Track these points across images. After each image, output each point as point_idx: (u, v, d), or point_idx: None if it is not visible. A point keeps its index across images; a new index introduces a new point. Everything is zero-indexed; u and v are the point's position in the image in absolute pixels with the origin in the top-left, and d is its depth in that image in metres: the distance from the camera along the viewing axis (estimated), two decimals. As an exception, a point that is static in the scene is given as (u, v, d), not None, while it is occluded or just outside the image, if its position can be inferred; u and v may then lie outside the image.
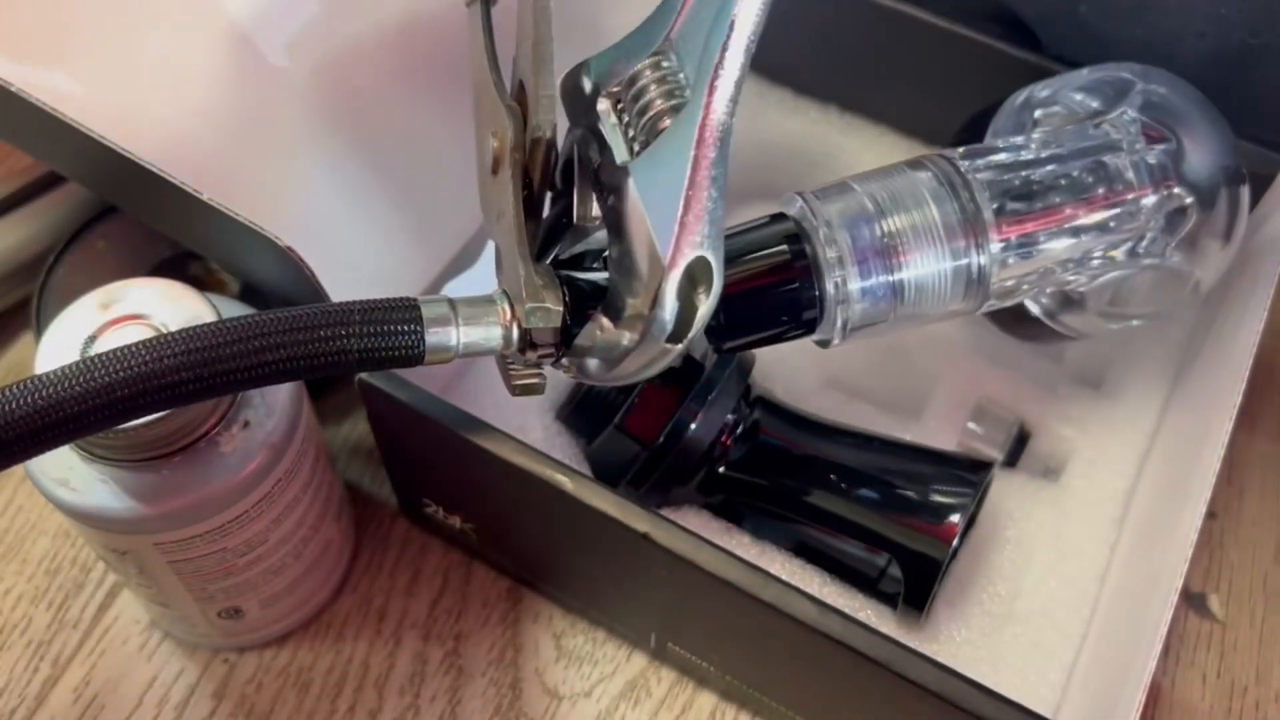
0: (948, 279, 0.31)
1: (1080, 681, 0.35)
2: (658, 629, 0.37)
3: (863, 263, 0.30)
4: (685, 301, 0.25)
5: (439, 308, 0.26)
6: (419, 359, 0.26)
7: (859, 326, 0.30)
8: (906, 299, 0.30)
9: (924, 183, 0.31)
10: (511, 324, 0.26)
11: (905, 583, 0.35)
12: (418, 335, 0.25)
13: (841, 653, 0.30)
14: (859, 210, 0.30)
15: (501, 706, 0.38)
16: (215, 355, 0.24)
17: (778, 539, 0.37)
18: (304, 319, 0.24)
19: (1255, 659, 0.40)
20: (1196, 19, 0.39)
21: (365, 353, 0.25)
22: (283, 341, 0.24)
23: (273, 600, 0.37)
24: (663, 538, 0.31)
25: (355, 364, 0.25)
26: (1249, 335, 0.35)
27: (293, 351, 0.24)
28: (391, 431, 0.37)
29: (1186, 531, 0.31)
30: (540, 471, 0.32)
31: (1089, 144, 0.34)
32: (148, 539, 0.31)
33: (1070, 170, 0.33)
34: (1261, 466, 0.44)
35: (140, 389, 0.23)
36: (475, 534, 0.39)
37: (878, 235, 0.30)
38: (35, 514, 0.41)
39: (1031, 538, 0.39)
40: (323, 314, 0.25)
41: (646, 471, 0.36)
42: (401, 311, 0.25)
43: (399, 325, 0.25)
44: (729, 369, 0.36)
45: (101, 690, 0.38)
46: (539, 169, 0.27)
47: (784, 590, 0.30)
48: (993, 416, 0.41)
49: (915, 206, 0.30)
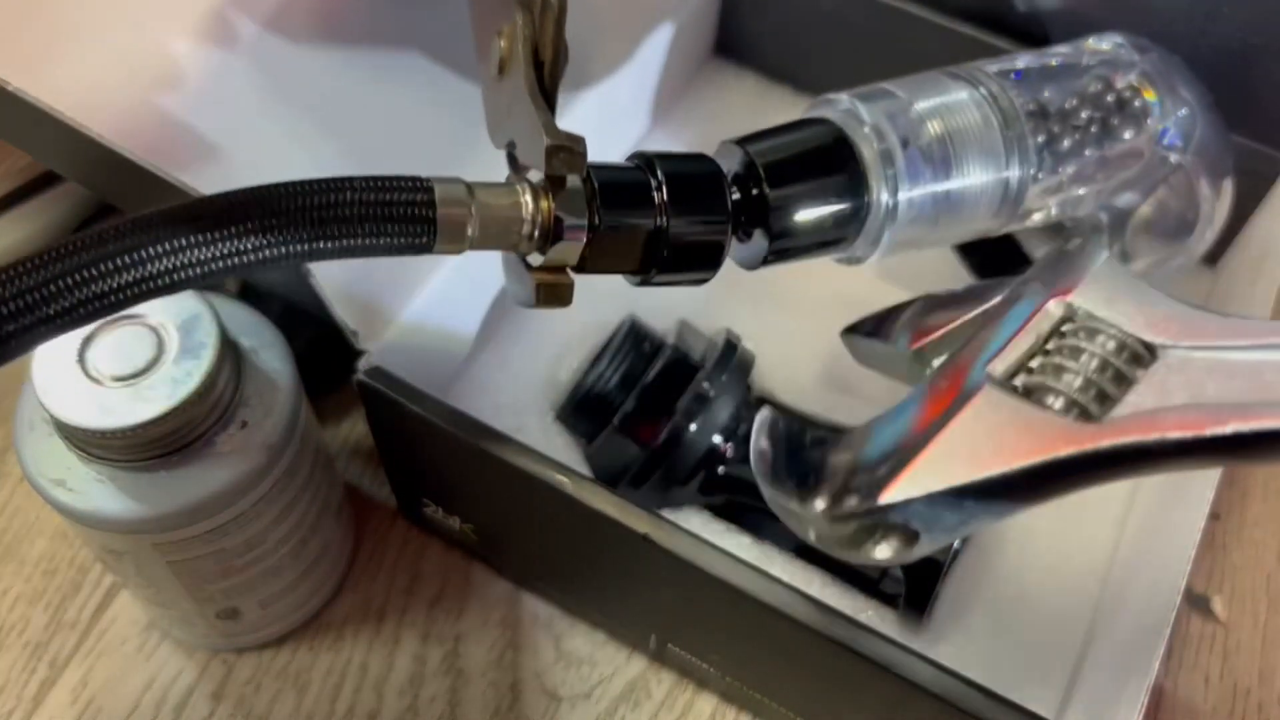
0: (986, 193, 0.30)
1: (1083, 683, 0.35)
2: (658, 630, 0.37)
3: (912, 168, 0.29)
4: None
5: (455, 189, 0.23)
6: (429, 247, 0.23)
7: (900, 238, 0.29)
8: (949, 208, 0.29)
9: (963, 91, 0.30)
10: (535, 213, 0.24)
11: (906, 584, 0.35)
12: (430, 213, 0.23)
13: (842, 654, 0.30)
14: (904, 115, 0.29)
15: (501, 708, 0.38)
16: (217, 236, 0.21)
17: (778, 539, 0.37)
18: (304, 187, 0.22)
19: (1258, 661, 0.40)
20: (1196, 19, 0.39)
21: (369, 224, 0.22)
22: (282, 208, 0.21)
23: (271, 601, 0.36)
24: (663, 539, 0.31)
25: (359, 249, 0.22)
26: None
27: (289, 219, 0.21)
28: (391, 432, 0.37)
29: (1189, 535, 0.31)
30: (540, 472, 0.32)
31: (1093, 61, 0.33)
32: (145, 539, 0.31)
33: (1081, 83, 0.33)
34: (1264, 468, 0.44)
35: (138, 259, 0.20)
36: (474, 535, 0.39)
37: (925, 141, 0.29)
38: (33, 514, 0.41)
39: (1033, 538, 0.38)
40: (320, 190, 0.22)
41: (646, 472, 0.36)
42: (410, 189, 0.23)
43: (407, 196, 0.22)
44: (728, 368, 0.36)
45: (99, 691, 0.38)
46: (549, 44, 0.25)
47: (785, 592, 0.30)
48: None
49: (959, 113, 0.29)
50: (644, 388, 0.36)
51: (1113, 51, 0.34)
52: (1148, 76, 0.33)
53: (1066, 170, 0.32)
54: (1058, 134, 0.31)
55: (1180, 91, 0.34)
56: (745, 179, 0.28)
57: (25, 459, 0.31)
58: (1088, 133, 0.32)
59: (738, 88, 0.50)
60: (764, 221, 0.28)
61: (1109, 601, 0.37)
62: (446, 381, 0.40)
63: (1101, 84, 0.33)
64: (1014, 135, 0.30)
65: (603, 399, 0.37)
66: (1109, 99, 0.32)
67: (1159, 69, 0.34)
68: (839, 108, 0.29)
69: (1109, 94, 0.32)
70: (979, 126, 0.30)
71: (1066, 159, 0.32)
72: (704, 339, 0.38)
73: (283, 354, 0.33)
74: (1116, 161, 0.33)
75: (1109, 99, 0.32)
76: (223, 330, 0.30)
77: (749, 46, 0.49)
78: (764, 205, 0.28)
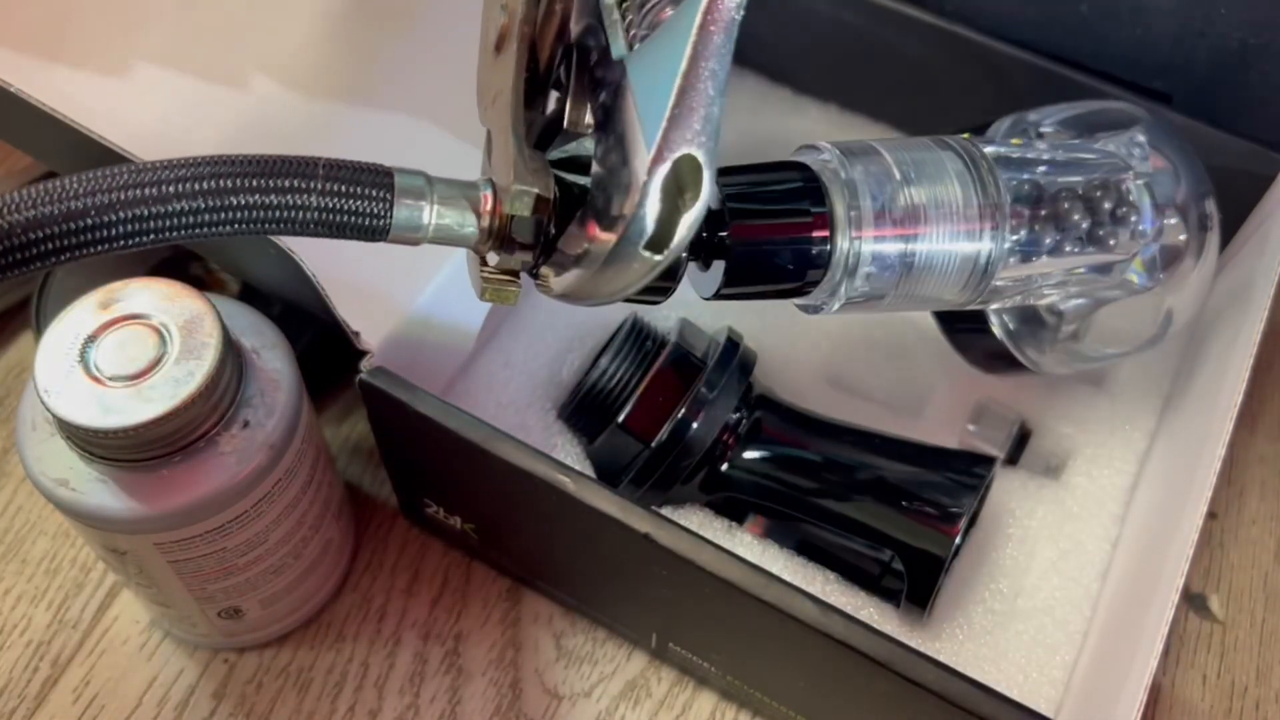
0: (955, 262, 0.30)
1: (1081, 680, 0.35)
2: (659, 629, 0.37)
3: (880, 225, 0.28)
4: (669, 203, 0.22)
5: (414, 180, 0.24)
6: (384, 232, 0.24)
7: (858, 297, 0.29)
8: (914, 274, 0.29)
9: (948, 160, 0.30)
10: (493, 215, 0.24)
11: (908, 580, 0.35)
12: (386, 204, 0.23)
13: (844, 653, 0.30)
14: (883, 173, 0.29)
15: (501, 706, 0.38)
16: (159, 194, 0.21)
17: (779, 537, 0.37)
18: (266, 165, 0.22)
19: (1255, 659, 0.40)
20: (1196, 19, 0.39)
21: (325, 212, 0.23)
22: (239, 186, 0.22)
23: (273, 600, 0.36)
24: (665, 538, 0.31)
25: (313, 224, 0.23)
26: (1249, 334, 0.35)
27: (248, 199, 0.22)
28: (392, 432, 0.37)
29: (1187, 534, 0.31)
30: (542, 472, 0.32)
31: (1099, 159, 0.33)
32: (147, 539, 0.31)
33: (1079, 181, 0.33)
34: (1261, 466, 0.44)
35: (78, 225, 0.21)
36: (476, 534, 0.39)
37: (900, 201, 0.29)
38: (35, 514, 0.41)
39: (1033, 535, 0.39)
40: (285, 163, 0.23)
41: (648, 470, 0.36)
42: (372, 175, 0.23)
43: (367, 189, 0.23)
44: (730, 367, 0.36)
45: (101, 690, 0.38)
46: (547, 45, 0.25)
47: (786, 590, 0.30)
48: (993, 415, 0.41)
49: (939, 181, 0.29)
50: (646, 386, 0.36)
51: (1124, 153, 0.34)
52: (1147, 190, 0.33)
53: (1040, 261, 0.32)
54: (1043, 224, 0.31)
55: (1176, 202, 0.34)
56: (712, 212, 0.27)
57: (28, 459, 0.31)
58: (1075, 233, 0.32)
59: (738, 88, 0.50)
60: (722, 253, 0.28)
61: (1108, 598, 0.37)
62: (448, 381, 0.40)
63: (1102, 190, 0.32)
64: (989, 208, 0.30)
65: (605, 397, 0.37)
66: (1106, 205, 0.32)
67: (1166, 182, 0.34)
68: (818, 156, 0.29)
69: (1108, 200, 0.32)
70: (958, 200, 0.29)
71: (1045, 251, 0.32)
72: (706, 337, 0.38)
73: (284, 354, 0.33)
74: (1090, 272, 0.33)
75: (1106, 205, 0.32)
76: (225, 330, 0.30)
77: (749, 47, 0.49)
78: (722, 237, 0.27)
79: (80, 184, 0.21)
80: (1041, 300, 0.34)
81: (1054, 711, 0.35)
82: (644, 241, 0.22)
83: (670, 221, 0.22)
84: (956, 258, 0.30)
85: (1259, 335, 0.35)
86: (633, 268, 0.23)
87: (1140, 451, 0.40)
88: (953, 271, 0.30)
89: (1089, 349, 0.36)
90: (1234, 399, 0.33)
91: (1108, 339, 0.36)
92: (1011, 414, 0.41)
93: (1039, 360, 0.36)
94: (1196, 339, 0.42)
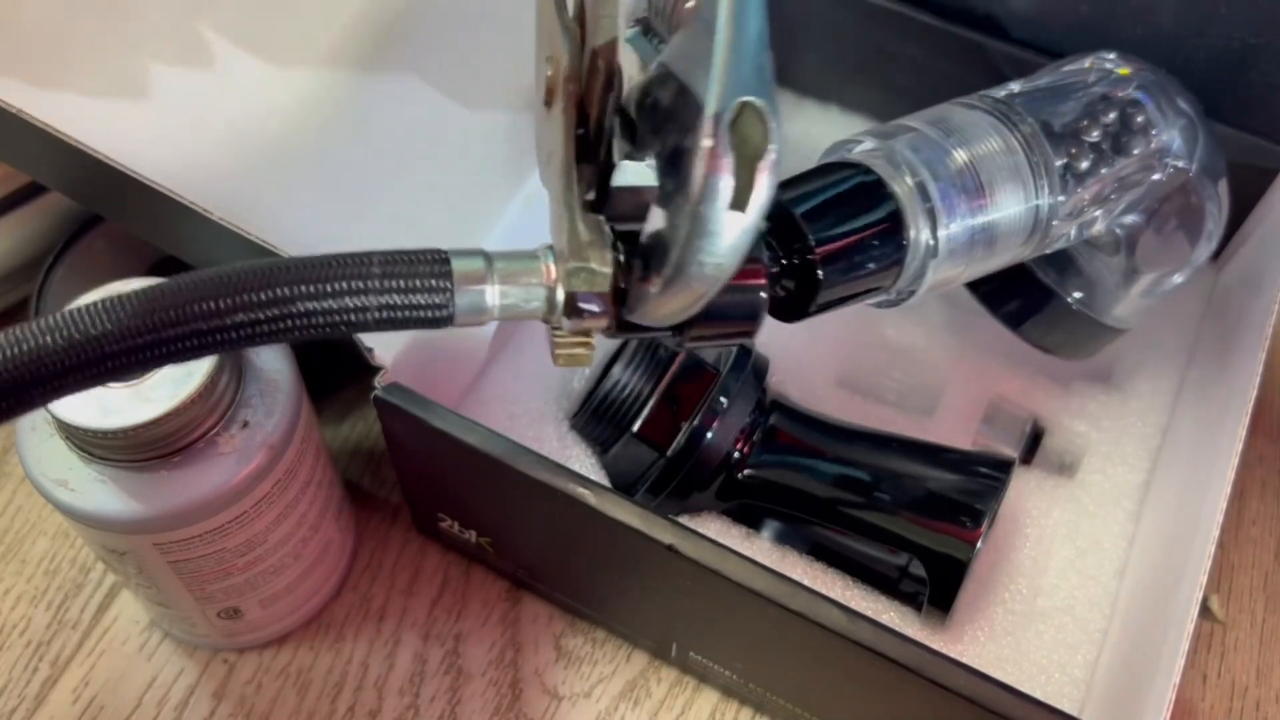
0: (1021, 217, 0.29)
1: (1103, 680, 0.35)
2: (680, 638, 0.37)
3: (948, 201, 0.28)
4: (741, 153, 0.20)
5: (473, 262, 0.22)
6: (448, 320, 0.22)
7: (937, 280, 0.29)
8: (990, 241, 0.29)
9: (980, 117, 0.29)
10: (555, 284, 0.23)
11: (930, 584, 0.34)
12: (447, 294, 0.22)
13: (872, 659, 0.29)
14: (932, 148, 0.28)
15: (501, 707, 0.38)
16: (208, 310, 0.20)
17: (798, 543, 0.37)
18: (316, 268, 0.21)
19: (1256, 659, 0.40)
20: (1196, 18, 0.39)
21: (386, 309, 0.21)
22: (290, 295, 0.21)
23: (272, 600, 0.36)
24: (688, 549, 0.31)
25: (374, 323, 0.21)
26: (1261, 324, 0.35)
27: (301, 307, 0.21)
28: (406, 447, 0.36)
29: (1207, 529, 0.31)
30: (561, 485, 0.32)
31: (1085, 80, 0.33)
32: (147, 539, 0.31)
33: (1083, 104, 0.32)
34: (1262, 466, 0.44)
35: (126, 346, 0.20)
36: (492, 548, 0.38)
37: (961, 173, 0.28)
38: (34, 514, 0.41)
39: (1050, 534, 0.38)
40: (337, 264, 0.21)
41: (664, 479, 0.35)
42: (429, 265, 0.22)
43: (426, 280, 0.22)
44: (744, 373, 0.35)
45: (101, 691, 0.38)
46: (595, 103, 0.23)
47: (812, 598, 0.30)
48: (1005, 414, 0.41)
49: (982, 141, 0.28)
50: (660, 394, 0.35)
51: (1108, 68, 0.34)
52: (1146, 90, 0.33)
53: (1086, 191, 0.31)
54: (1075, 155, 0.31)
55: (1178, 103, 0.34)
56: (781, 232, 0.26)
57: (27, 459, 0.31)
58: (1101, 151, 0.32)
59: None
60: (809, 274, 0.26)
61: (1126, 596, 0.37)
62: (460, 394, 0.39)
63: (1104, 101, 0.32)
64: (1039, 160, 0.29)
65: (618, 406, 0.36)
66: (1113, 115, 0.32)
67: (1154, 82, 0.34)
68: (861, 148, 0.28)
69: (1112, 110, 0.32)
70: (1003, 153, 0.29)
71: (1085, 179, 0.31)
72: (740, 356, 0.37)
73: (284, 354, 0.33)
74: (1128, 178, 0.32)
75: (1113, 115, 0.32)
76: (224, 331, 0.30)
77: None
78: (808, 257, 0.26)
79: (137, 303, 0.20)
80: (1093, 231, 0.33)
81: (1078, 711, 0.35)
82: (727, 201, 0.20)
83: (747, 176, 0.20)
84: (1020, 215, 0.29)
85: (1274, 320, 0.35)
86: (721, 241, 0.20)
87: (1153, 448, 0.40)
88: (1017, 230, 0.29)
89: (1151, 283, 0.36)
90: (1249, 391, 0.33)
91: (1162, 261, 0.35)
92: (1024, 413, 0.41)
93: (1122, 316, 0.36)
94: (1205, 330, 0.41)
